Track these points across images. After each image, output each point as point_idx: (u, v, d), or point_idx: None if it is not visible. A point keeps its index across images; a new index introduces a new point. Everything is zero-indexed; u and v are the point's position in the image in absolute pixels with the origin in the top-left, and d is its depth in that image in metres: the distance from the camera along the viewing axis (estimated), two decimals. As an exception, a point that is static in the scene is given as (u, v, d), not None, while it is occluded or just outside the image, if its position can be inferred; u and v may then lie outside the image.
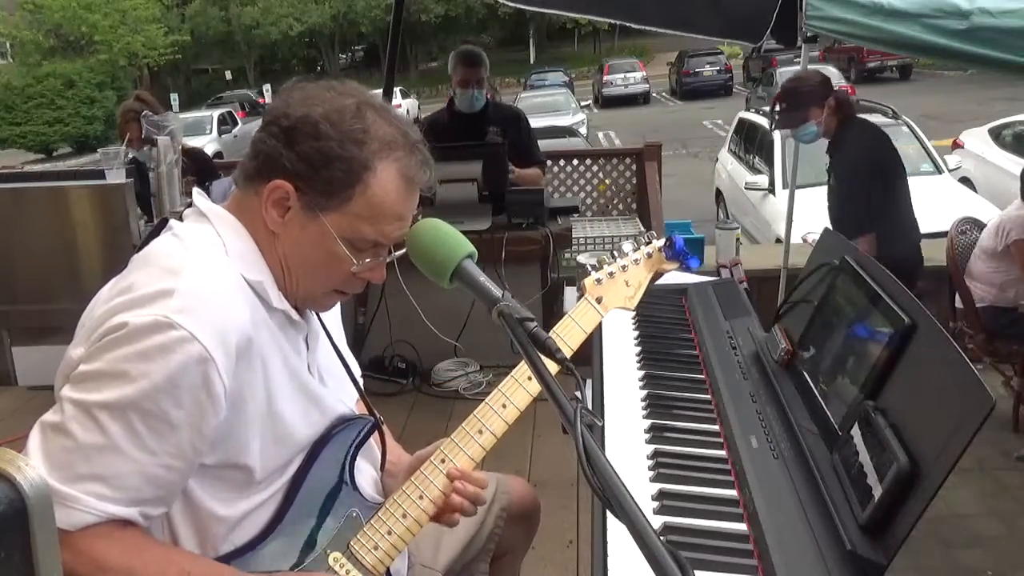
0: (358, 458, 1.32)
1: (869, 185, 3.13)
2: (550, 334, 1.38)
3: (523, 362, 1.36)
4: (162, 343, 1.05)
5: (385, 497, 1.35)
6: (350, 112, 1.17)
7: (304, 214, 1.18)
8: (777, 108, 3.30)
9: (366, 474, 1.36)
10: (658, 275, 1.66)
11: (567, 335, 1.46)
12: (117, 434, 1.05)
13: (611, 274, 1.55)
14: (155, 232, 1.23)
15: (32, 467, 0.72)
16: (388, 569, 1.28)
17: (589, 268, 1.56)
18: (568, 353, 1.42)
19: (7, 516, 0.69)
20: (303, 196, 1.17)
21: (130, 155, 3.94)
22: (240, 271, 1.17)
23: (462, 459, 1.31)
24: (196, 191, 1.27)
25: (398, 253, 1.26)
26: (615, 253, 1.58)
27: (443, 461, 1.31)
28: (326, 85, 1.21)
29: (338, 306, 1.45)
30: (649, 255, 1.60)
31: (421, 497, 1.28)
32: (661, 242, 1.61)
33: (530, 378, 1.37)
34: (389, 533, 1.27)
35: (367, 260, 1.22)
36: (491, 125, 3.94)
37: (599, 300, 1.53)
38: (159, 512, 1.14)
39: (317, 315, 1.33)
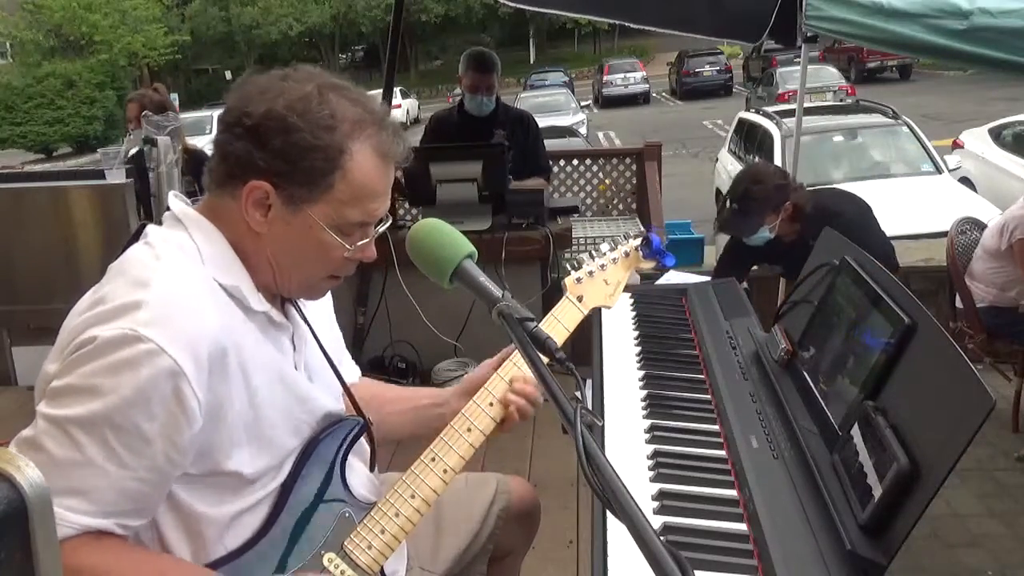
0: (349, 458, 1.31)
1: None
2: None
3: (510, 357, 1.37)
4: (130, 357, 1.04)
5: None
6: (314, 99, 1.15)
7: (287, 210, 1.16)
8: (727, 207, 2.90)
9: (358, 474, 1.35)
10: (661, 271, 1.67)
11: (550, 333, 1.46)
12: (91, 449, 1.04)
13: (591, 273, 1.57)
14: (134, 238, 1.21)
15: (32, 467, 0.71)
16: (382, 568, 1.28)
17: (569, 268, 1.57)
18: None
19: (7, 516, 0.69)
20: (283, 192, 1.15)
21: (131, 143, 3.95)
22: (214, 277, 1.15)
23: (452, 457, 1.31)
24: (172, 194, 1.25)
25: (382, 228, 1.25)
26: (593, 253, 1.60)
27: (433, 460, 1.31)
28: (279, 75, 1.19)
29: (331, 304, 1.45)
30: (626, 254, 1.62)
31: (413, 496, 1.28)
32: (637, 241, 1.62)
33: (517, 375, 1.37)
34: (382, 532, 1.26)
35: (358, 243, 1.21)
36: (499, 128, 3.91)
37: (580, 299, 1.54)
38: (138, 523, 1.12)
39: (303, 316, 1.32)
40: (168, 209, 1.23)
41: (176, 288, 1.11)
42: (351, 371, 1.51)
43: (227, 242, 1.19)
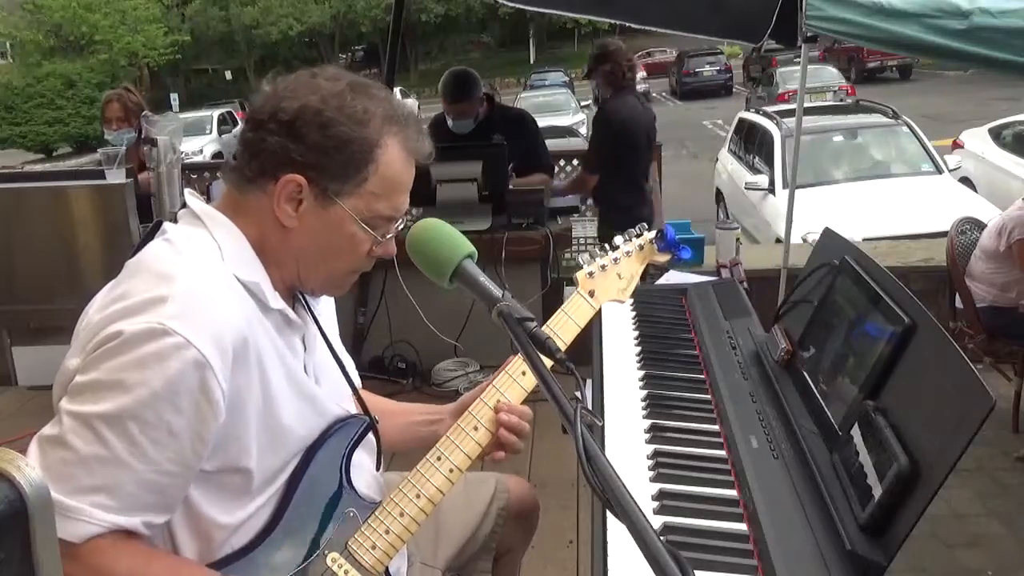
0: (354, 457, 1.31)
1: (612, 142, 3.83)
2: (544, 328, 1.39)
3: (516, 358, 1.37)
4: (158, 350, 1.04)
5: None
6: (347, 95, 1.18)
7: (318, 203, 1.18)
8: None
9: (363, 473, 1.35)
10: (662, 269, 1.66)
11: (560, 329, 1.46)
12: (117, 445, 1.05)
13: (603, 267, 1.55)
14: (149, 236, 1.22)
15: (32, 467, 0.72)
16: (387, 568, 1.28)
17: (581, 261, 1.56)
18: (562, 347, 1.41)
19: (7, 516, 0.69)
20: (316, 186, 1.17)
21: (130, 142, 3.97)
22: (235, 273, 1.16)
23: (458, 456, 1.31)
24: (188, 192, 1.27)
25: (401, 224, 1.28)
26: (607, 246, 1.58)
27: (439, 459, 1.31)
28: (308, 73, 1.22)
29: (333, 304, 1.46)
30: (641, 247, 1.60)
31: (418, 496, 1.28)
32: (652, 234, 1.61)
33: (524, 373, 1.37)
34: (387, 532, 1.26)
35: (386, 236, 1.24)
36: (494, 132, 3.90)
37: (591, 293, 1.52)
38: (161, 520, 1.13)
39: (313, 315, 1.33)
40: (184, 206, 1.24)
41: (200, 282, 1.11)
42: (353, 376, 1.51)
43: (247, 240, 1.20)
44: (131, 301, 1.09)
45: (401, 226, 1.28)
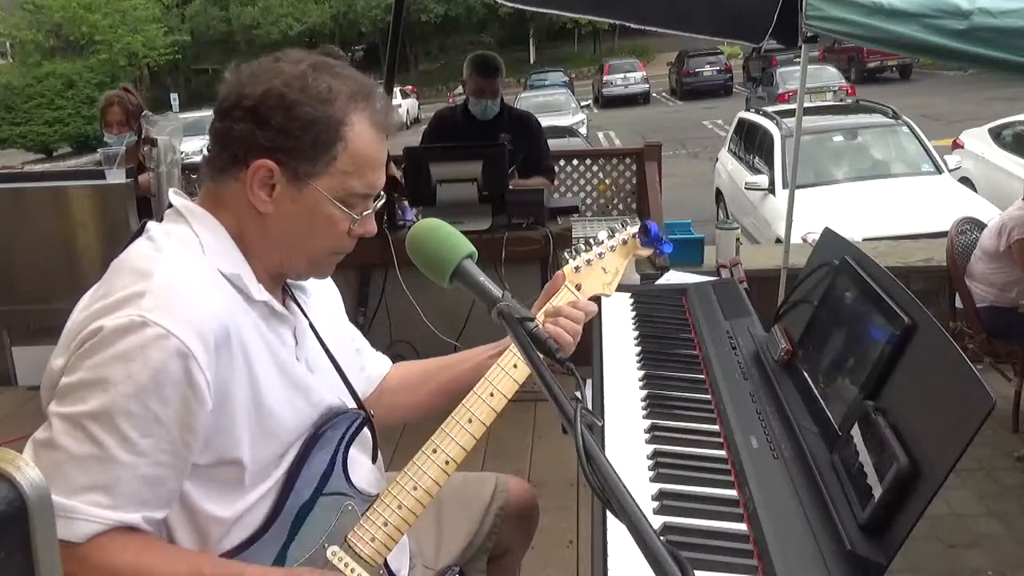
0: (352, 451, 1.32)
1: None
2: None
3: (509, 351, 1.38)
4: (139, 342, 1.05)
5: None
6: (309, 75, 1.17)
7: (292, 187, 1.18)
8: None
9: (360, 467, 1.36)
10: (662, 269, 1.67)
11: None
12: (108, 442, 1.05)
13: (589, 261, 1.57)
14: (135, 236, 1.22)
15: (32, 467, 0.72)
16: (386, 560, 1.29)
17: (567, 257, 1.57)
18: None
19: (7, 516, 0.69)
20: (287, 169, 1.17)
21: (129, 144, 3.97)
22: (217, 267, 1.17)
23: (454, 448, 1.31)
24: (172, 190, 1.27)
25: (379, 203, 1.28)
26: (591, 241, 1.60)
27: (435, 451, 1.31)
28: (271, 58, 1.21)
29: (339, 299, 1.46)
30: (624, 241, 1.62)
31: (415, 488, 1.28)
32: (635, 229, 1.62)
33: (516, 366, 1.37)
34: (385, 524, 1.27)
35: (363, 214, 1.24)
36: (503, 131, 3.91)
37: (578, 287, 1.54)
38: (160, 515, 1.13)
39: (301, 308, 1.33)
40: (170, 206, 1.24)
41: (179, 275, 1.12)
42: (379, 362, 1.55)
43: (228, 232, 1.20)
44: (111, 299, 1.10)
45: (381, 203, 1.28)
